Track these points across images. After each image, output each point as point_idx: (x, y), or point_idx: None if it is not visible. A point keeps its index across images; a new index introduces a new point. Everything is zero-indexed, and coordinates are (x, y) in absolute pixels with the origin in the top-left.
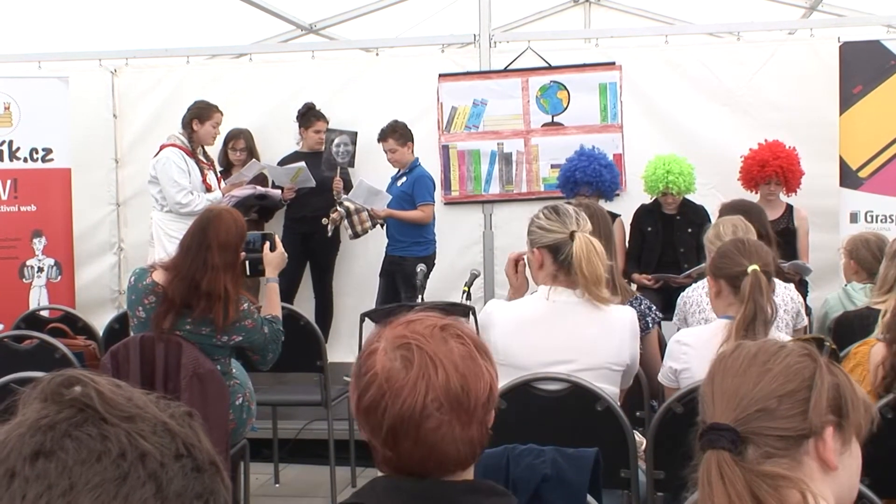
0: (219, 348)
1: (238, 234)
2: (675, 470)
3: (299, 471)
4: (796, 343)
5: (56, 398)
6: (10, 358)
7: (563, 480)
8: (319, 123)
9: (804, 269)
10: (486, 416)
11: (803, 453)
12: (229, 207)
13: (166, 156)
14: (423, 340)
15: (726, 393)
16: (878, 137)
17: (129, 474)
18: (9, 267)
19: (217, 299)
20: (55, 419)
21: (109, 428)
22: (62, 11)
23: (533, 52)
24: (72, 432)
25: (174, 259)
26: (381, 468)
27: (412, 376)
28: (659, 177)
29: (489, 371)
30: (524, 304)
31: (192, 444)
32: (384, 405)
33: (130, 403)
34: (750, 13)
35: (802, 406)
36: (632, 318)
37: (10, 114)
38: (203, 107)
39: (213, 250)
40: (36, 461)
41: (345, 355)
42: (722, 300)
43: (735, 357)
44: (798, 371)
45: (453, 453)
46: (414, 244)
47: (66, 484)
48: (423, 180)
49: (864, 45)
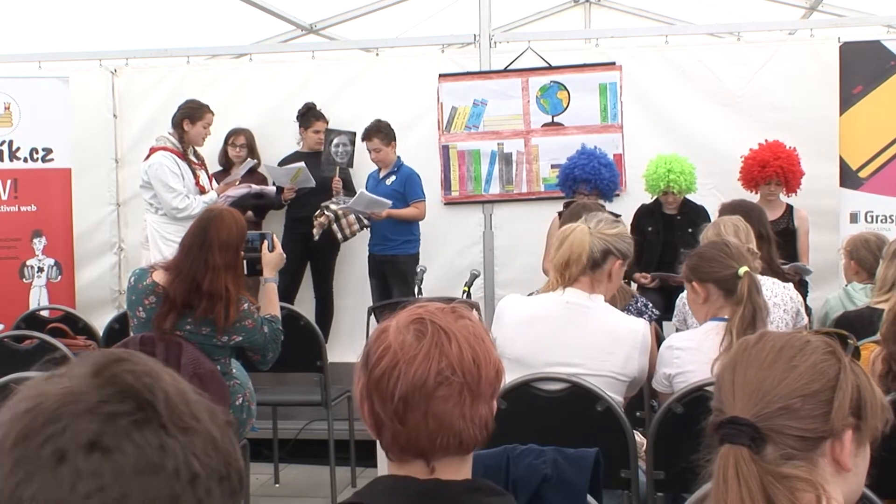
0: (219, 348)
1: (239, 234)
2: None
3: (299, 471)
4: (820, 339)
5: (113, 379)
6: (10, 358)
7: (563, 481)
8: (319, 123)
9: (804, 271)
10: (493, 398)
11: (819, 455)
12: (229, 207)
13: (158, 160)
14: (436, 316)
15: (749, 385)
16: (879, 138)
17: (180, 497)
18: (9, 267)
19: (218, 299)
20: (116, 409)
21: (168, 440)
22: (62, 11)
23: (533, 53)
24: (132, 434)
25: (175, 259)
26: (389, 450)
27: (425, 345)
28: (660, 176)
29: (495, 355)
30: (540, 301)
31: (231, 462)
32: (397, 374)
33: (188, 411)
34: (750, 13)
35: (825, 407)
36: (644, 332)
37: (10, 114)
38: (195, 107)
39: (214, 250)
40: (91, 453)
41: (345, 355)
42: (710, 304)
43: (760, 348)
44: (823, 371)
45: (462, 428)
46: (405, 242)
47: (119, 491)
48: (414, 178)
49: (865, 46)
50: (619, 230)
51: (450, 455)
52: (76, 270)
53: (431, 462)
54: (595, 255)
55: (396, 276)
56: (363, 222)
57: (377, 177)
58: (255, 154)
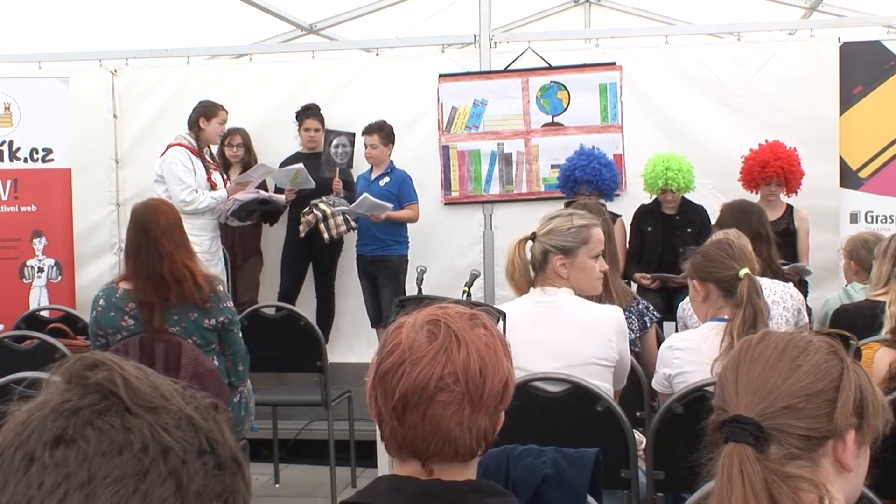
0: (211, 332)
1: (174, 213)
2: (675, 470)
3: (299, 471)
4: (822, 339)
5: (80, 381)
6: (11, 358)
7: (563, 481)
8: (309, 122)
9: (804, 271)
10: (497, 411)
11: (821, 454)
12: (147, 199)
13: (172, 154)
14: (452, 320)
15: (752, 384)
16: (879, 138)
17: (149, 470)
18: (9, 267)
19: (184, 279)
20: (78, 404)
21: (133, 419)
22: (62, 11)
23: (533, 53)
24: (94, 421)
25: (128, 266)
26: (388, 445)
27: (434, 348)
28: (658, 174)
29: (508, 368)
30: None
31: (216, 439)
32: (402, 371)
33: (156, 393)
34: (750, 13)
35: (829, 407)
36: (617, 317)
37: (10, 114)
38: (208, 105)
39: (158, 238)
40: (56, 448)
41: (345, 355)
42: (710, 304)
43: (763, 347)
44: (827, 370)
45: (457, 437)
46: (395, 243)
47: (85, 475)
48: (409, 180)
49: (865, 46)
50: (551, 227)
51: (445, 461)
52: (76, 270)
53: (427, 464)
54: (536, 259)
55: (387, 276)
56: (350, 224)
57: (368, 177)
58: (251, 153)
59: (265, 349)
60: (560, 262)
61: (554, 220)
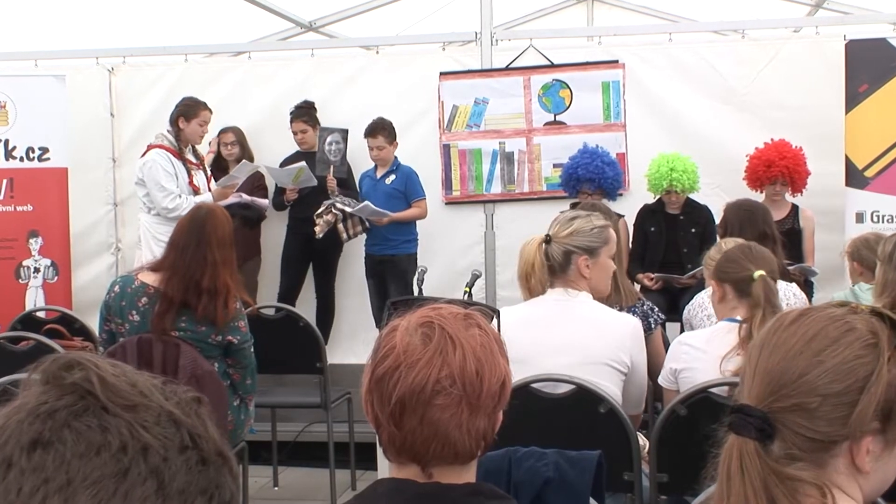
0: (212, 347)
1: (231, 231)
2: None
3: (299, 474)
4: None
5: (57, 382)
6: (6, 359)
7: (565, 483)
8: (295, 124)
9: (809, 271)
10: (495, 411)
11: (832, 455)
12: (213, 205)
13: (152, 158)
14: (446, 322)
15: (768, 372)
16: (884, 136)
17: (129, 470)
18: (5, 267)
19: (219, 295)
20: (55, 406)
21: (110, 418)
22: (59, 9)
23: (535, 50)
24: (71, 422)
25: (167, 259)
26: (387, 450)
27: (429, 351)
28: (662, 174)
29: (504, 367)
30: (529, 304)
31: (198, 434)
32: (397, 376)
33: (134, 390)
34: (755, 11)
35: (846, 410)
36: (635, 325)
37: (6, 112)
38: (190, 104)
39: (212, 246)
40: (33, 452)
41: (345, 357)
42: (726, 304)
43: (792, 332)
44: (852, 369)
45: (457, 439)
46: (404, 242)
47: (63, 479)
48: (415, 177)
49: (870, 44)
50: (573, 228)
51: (445, 463)
52: (73, 271)
53: (427, 468)
54: (557, 261)
55: (395, 276)
56: (365, 224)
57: (374, 176)
58: (246, 151)
59: (264, 350)
60: (585, 262)
61: (575, 222)
